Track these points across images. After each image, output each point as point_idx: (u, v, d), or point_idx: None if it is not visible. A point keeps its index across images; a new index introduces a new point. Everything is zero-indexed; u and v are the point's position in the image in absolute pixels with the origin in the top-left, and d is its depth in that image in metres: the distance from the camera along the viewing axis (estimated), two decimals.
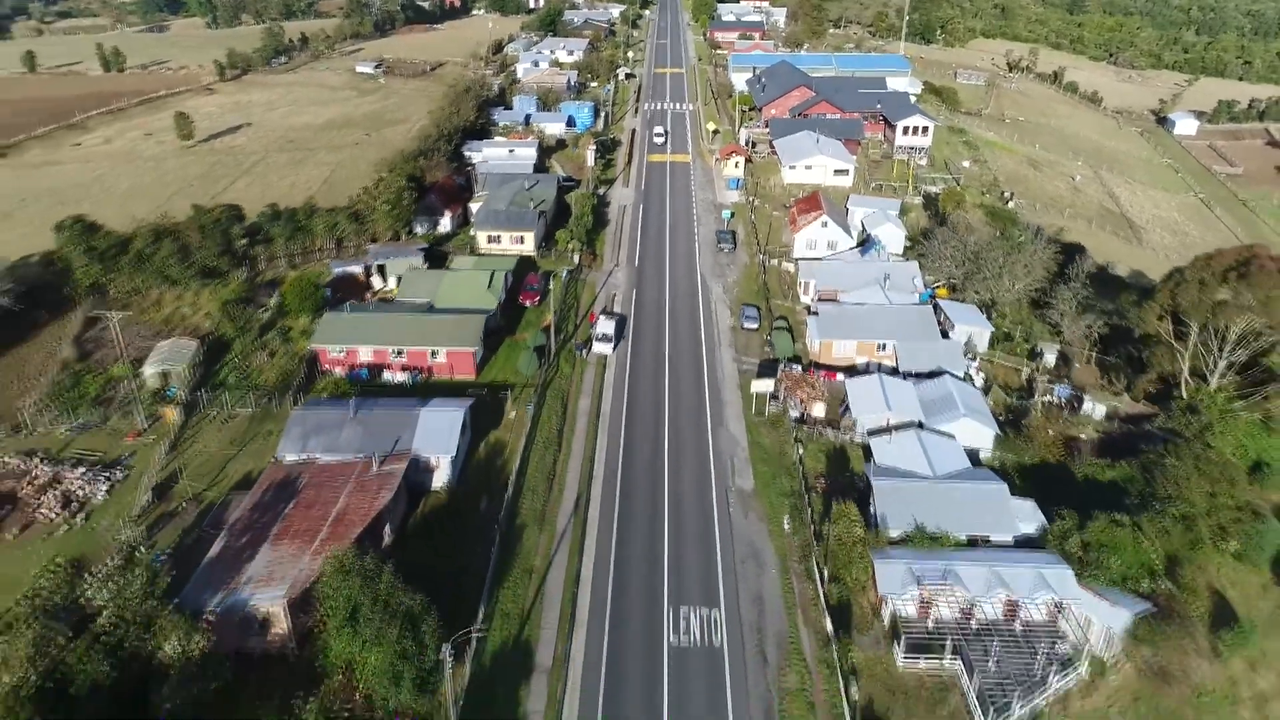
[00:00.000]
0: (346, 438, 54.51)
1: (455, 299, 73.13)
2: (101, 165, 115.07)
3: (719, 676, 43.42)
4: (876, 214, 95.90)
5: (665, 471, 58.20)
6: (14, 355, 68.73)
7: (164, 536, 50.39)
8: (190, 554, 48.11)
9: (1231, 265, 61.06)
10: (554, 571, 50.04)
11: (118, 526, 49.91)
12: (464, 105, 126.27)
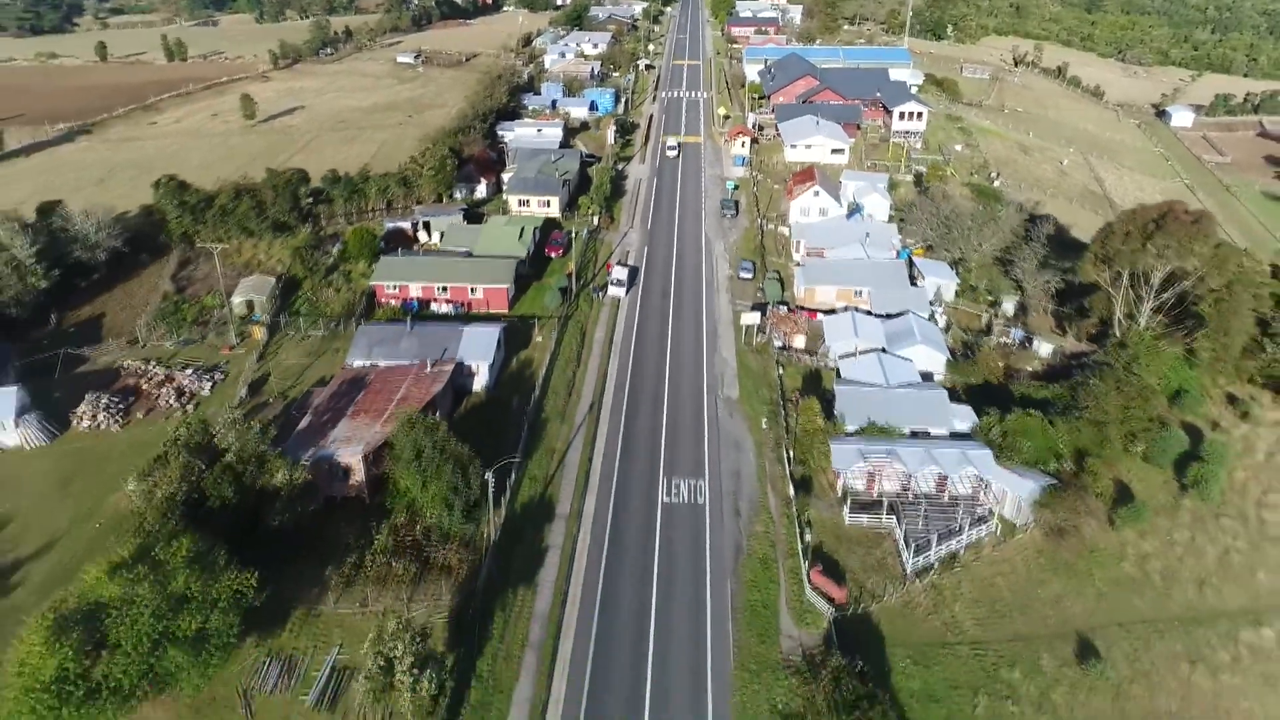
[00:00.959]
0: (404, 347, 65.92)
1: (491, 248, 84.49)
2: (176, 141, 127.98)
3: (700, 524, 54.21)
4: (866, 186, 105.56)
5: (666, 383, 69.04)
6: (124, 288, 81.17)
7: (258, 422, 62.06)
8: (282, 433, 59.63)
9: (1153, 218, 70.53)
10: (572, 452, 61.06)
11: (223, 410, 61.64)
12: (497, 90, 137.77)
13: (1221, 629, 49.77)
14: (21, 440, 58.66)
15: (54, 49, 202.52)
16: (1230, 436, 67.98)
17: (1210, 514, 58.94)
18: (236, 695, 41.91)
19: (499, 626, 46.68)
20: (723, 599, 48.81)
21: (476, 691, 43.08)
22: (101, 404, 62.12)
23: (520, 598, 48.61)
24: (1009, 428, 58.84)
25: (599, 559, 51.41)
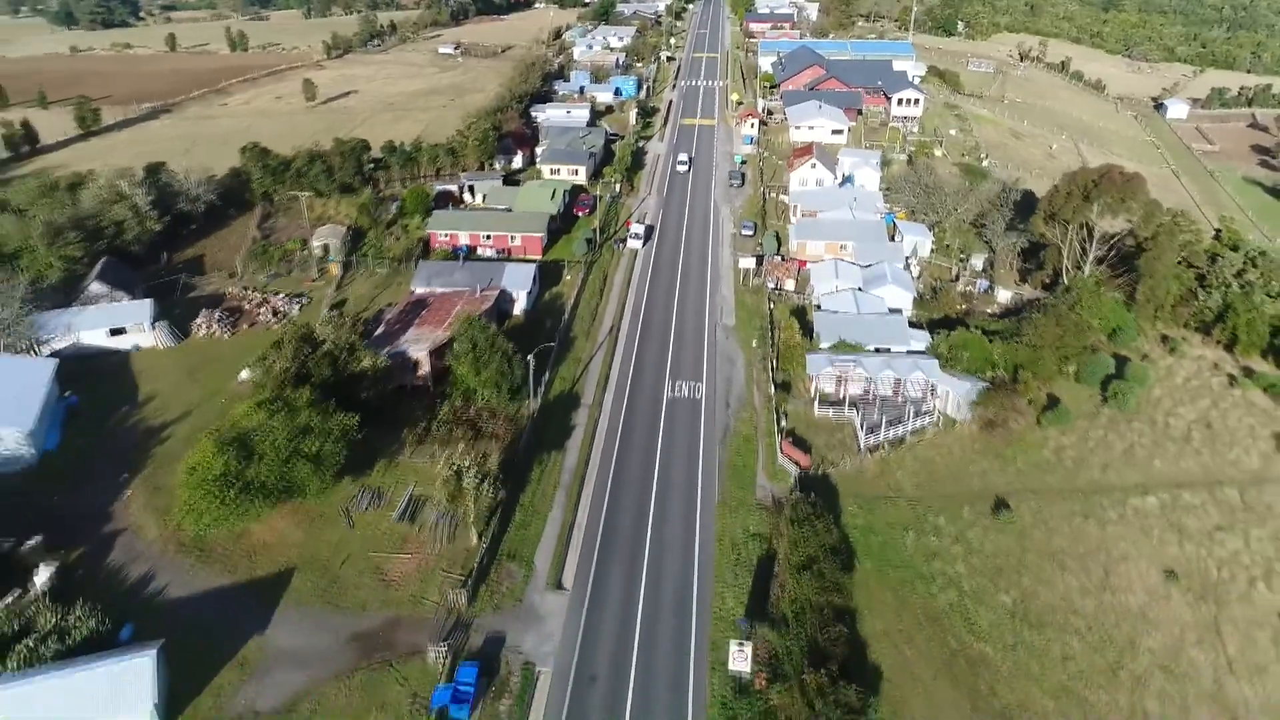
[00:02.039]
0: (458, 277, 78.75)
1: (527, 205, 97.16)
2: (246, 119, 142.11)
3: (697, 412, 66.48)
4: (859, 161, 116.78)
5: (674, 314, 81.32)
6: (218, 235, 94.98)
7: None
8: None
9: (1092, 179, 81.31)
10: (594, 362, 73.54)
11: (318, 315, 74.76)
12: (531, 76, 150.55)
13: (1114, 497, 61.08)
14: (156, 341, 72.27)
15: (127, 40, 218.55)
16: (1156, 366, 78.80)
17: (1124, 420, 69.98)
18: (340, 514, 54.84)
19: (536, 474, 59.32)
20: (712, 461, 61.08)
21: (519, 515, 55.72)
22: (214, 318, 75.64)
23: (553, 456, 61.22)
24: (953, 342, 70.44)
25: (615, 432, 63.92)
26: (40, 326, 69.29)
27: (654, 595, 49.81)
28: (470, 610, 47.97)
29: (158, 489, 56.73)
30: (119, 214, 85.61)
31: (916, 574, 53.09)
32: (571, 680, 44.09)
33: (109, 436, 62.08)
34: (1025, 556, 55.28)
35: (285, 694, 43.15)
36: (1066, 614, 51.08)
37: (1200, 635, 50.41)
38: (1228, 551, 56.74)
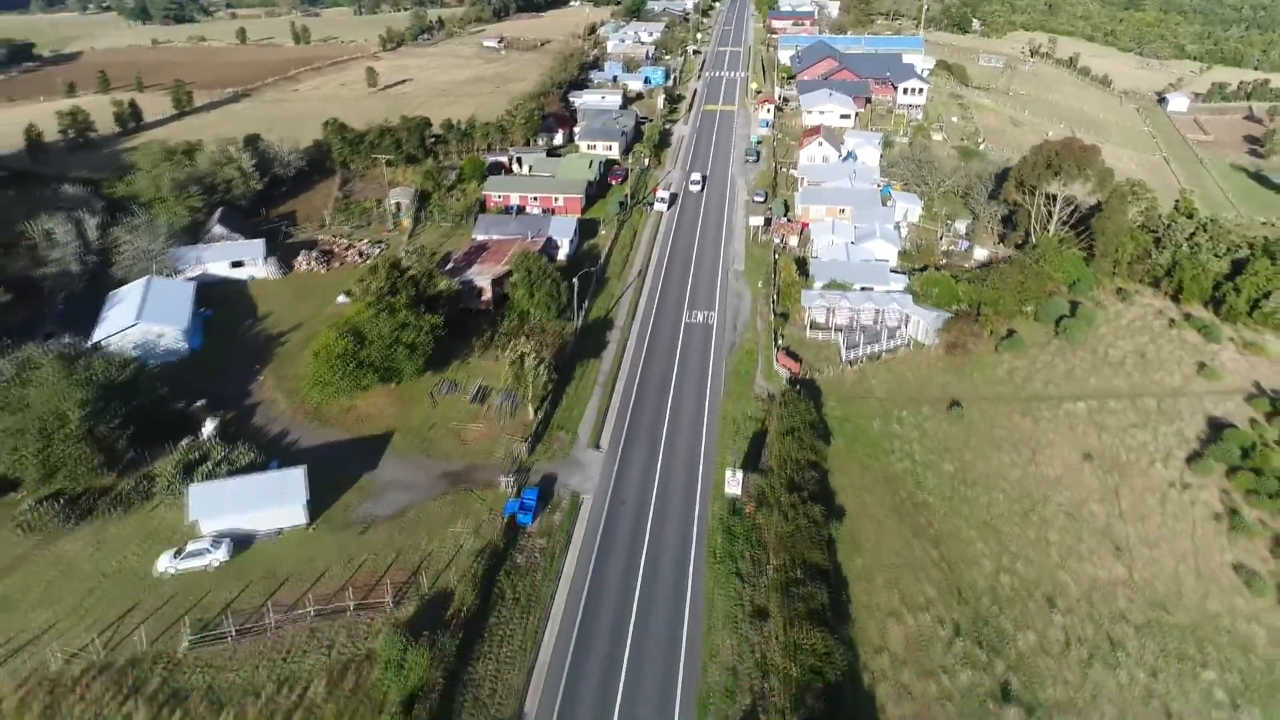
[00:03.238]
0: (511, 227, 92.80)
1: (568, 173, 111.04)
2: (316, 103, 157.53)
3: (709, 333, 79.86)
4: (862, 141, 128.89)
5: (693, 260, 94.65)
6: (305, 196, 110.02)
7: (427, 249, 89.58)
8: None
9: (1055, 150, 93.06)
10: (625, 296, 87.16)
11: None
12: (569, 66, 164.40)
13: (1051, 403, 73.42)
14: (267, 273, 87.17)
15: (201, 34, 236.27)
16: (1107, 310, 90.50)
17: (1071, 349, 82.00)
18: (427, 396, 69.01)
19: (578, 374, 73.11)
20: (720, 367, 74.47)
21: (566, 401, 69.53)
22: (312, 257, 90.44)
23: (591, 362, 74.99)
24: (924, 280, 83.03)
25: (641, 346, 77.58)
26: (177, 258, 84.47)
27: (670, 452, 63.40)
28: (529, 459, 61.87)
29: (282, 377, 71.47)
30: (228, 174, 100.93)
31: (879, 449, 66.06)
32: (607, 503, 57.83)
33: (238, 341, 77.08)
34: (969, 440, 67.96)
35: (394, 507, 57.35)
36: (996, 479, 63.77)
37: (1102, 496, 62.81)
38: (1137, 442, 68.91)
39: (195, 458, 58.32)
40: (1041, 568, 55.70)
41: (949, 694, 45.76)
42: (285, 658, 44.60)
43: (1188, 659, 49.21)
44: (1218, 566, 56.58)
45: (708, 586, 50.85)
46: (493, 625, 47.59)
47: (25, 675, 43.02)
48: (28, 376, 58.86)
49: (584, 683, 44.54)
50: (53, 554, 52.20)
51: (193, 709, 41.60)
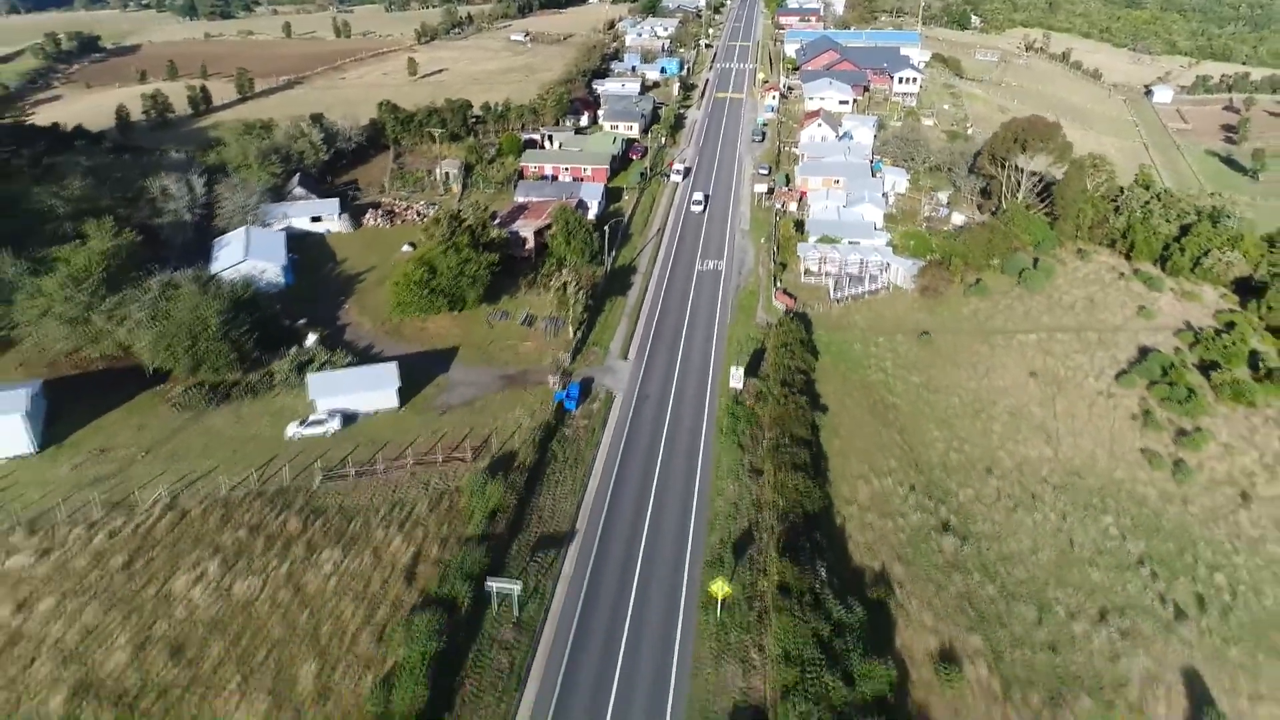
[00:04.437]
0: (548, 190, 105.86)
1: (595, 147, 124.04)
2: (362, 89, 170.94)
3: (718, 277, 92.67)
4: (858, 124, 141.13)
5: (705, 221, 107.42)
6: (364, 167, 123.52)
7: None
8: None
9: (1022, 126, 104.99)
10: (646, 248, 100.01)
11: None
12: (593, 56, 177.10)
13: (1007, 335, 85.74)
14: (340, 227, 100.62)
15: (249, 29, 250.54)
16: (1065, 265, 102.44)
17: (1029, 295, 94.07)
18: (485, 321, 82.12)
19: (608, 306, 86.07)
20: (727, 302, 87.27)
21: (599, 326, 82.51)
22: (378, 214, 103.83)
23: (618, 298, 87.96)
24: (903, 234, 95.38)
25: (661, 286, 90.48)
26: (267, 213, 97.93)
27: (685, 362, 76.34)
28: (571, 366, 74.89)
29: (364, 306, 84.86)
30: (301, 146, 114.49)
31: (858, 364, 78.67)
32: (635, 397, 70.82)
33: (323, 279, 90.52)
34: (934, 360, 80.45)
35: (465, 397, 70.55)
36: (954, 388, 76.26)
37: (1041, 402, 75.20)
38: (1076, 364, 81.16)
39: (305, 360, 71.67)
40: (984, 448, 68.27)
41: (901, 528, 58.40)
42: (394, 490, 57.85)
43: (1092, 508, 61.72)
44: (1128, 450, 68.95)
45: (715, 452, 63.76)
46: (548, 474, 60.66)
47: (203, 497, 56.46)
48: (170, 294, 72.34)
49: (620, 511, 57.53)
50: (203, 425, 65.73)
51: (330, 520, 54.87)
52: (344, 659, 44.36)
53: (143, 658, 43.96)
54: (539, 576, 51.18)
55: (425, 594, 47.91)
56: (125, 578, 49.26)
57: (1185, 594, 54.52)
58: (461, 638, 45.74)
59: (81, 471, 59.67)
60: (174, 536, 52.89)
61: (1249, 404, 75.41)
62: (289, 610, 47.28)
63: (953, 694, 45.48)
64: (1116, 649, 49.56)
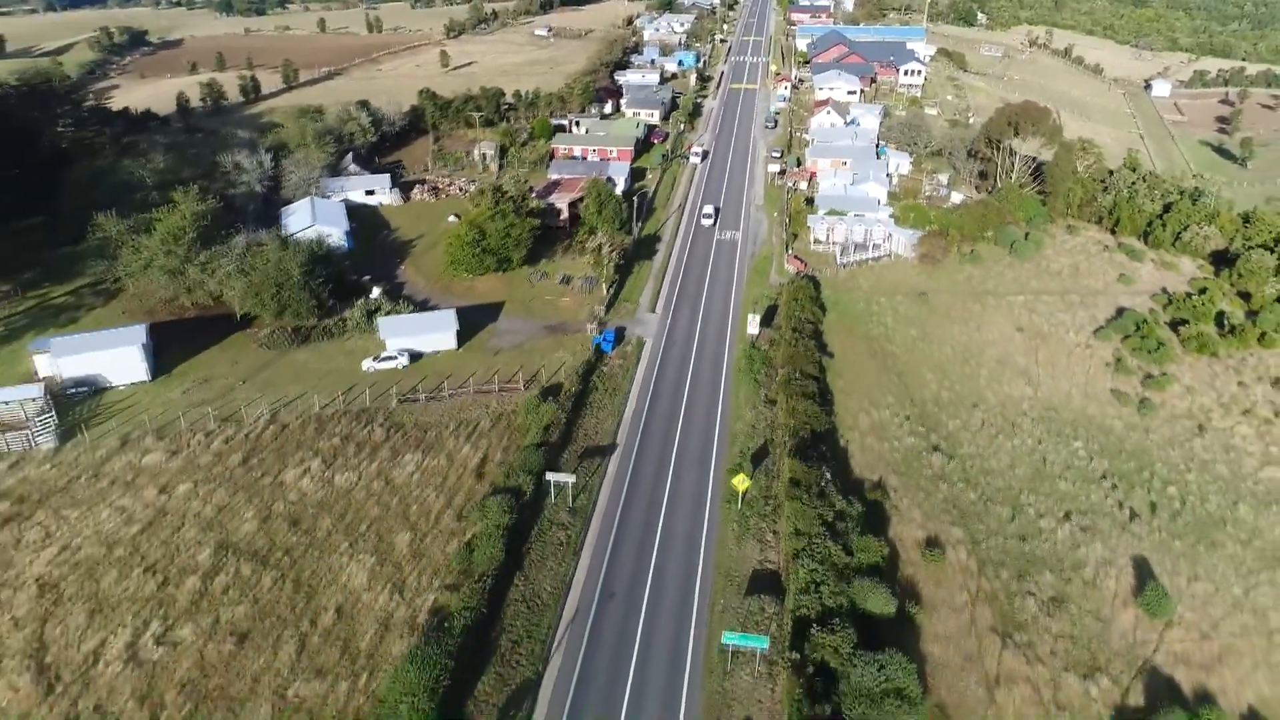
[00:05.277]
0: (579, 168, 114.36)
1: (620, 131, 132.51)
2: (398, 79, 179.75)
3: (735, 246, 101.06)
4: (864, 112, 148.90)
5: (722, 196, 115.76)
6: (407, 149, 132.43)
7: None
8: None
9: (1015, 111, 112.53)
10: (668, 221, 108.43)
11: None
12: (614, 49, 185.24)
13: (998, 296, 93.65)
14: (391, 200, 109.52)
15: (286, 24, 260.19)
16: (1054, 238, 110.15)
17: (1020, 263, 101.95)
18: (526, 280, 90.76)
19: (636, 269, 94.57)
20: (744, 267, 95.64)
21: (628, 285, 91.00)
22: (424, 189, 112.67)
23: (645, 263, 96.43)
24: (904, 208, 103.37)
25: (683, 252, 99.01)
26: (326, 186, 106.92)
27: (706, 314, 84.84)
28: (605, 317, 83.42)
29: (418, 267, 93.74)
30: (351, 128, 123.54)
31: (861, 319, 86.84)
32: (663, 342, 79.33)
33: (379, 245, 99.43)
34: (930, 316, 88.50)
35: (513, 342, 79.25)
36: (947, 340, 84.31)
37: (1025, 352, 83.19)
38: (1058, 321, 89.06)
39: (372, 309, 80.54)
40: (972, 388, 76.37)
41: (896, 449, 66.65)
42: (459, 411, 66.65)
43: (1064, 435, 69.79)
44: (1100, 390, 76.91)
45: (734, 386, 72.23)
46: (590, 401, 69.26)
47: (299, 414, 65.43)
48: (255, 251, 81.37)
49: (653, 429, 66.07)
50: (288, 361, 74.74)
51: (407, 432, 63.71)
52: (431, 531, 53.20)
53: (268, 527, 52.96)
54: (587, 477, 59.81)
55: (494, 486, 56.65)
56: (244, 471, 58.32)
57: (1141, 502, 62.58)
58: (526, 518, 54.46)
59: (191, 395, 68.78)
60: (279, 443, 61.91)
61: (1212, 354, 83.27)
62: (382, 496, 56.19)
63: (936, 570, 53.77)
64: (1077, 540, 57.73)
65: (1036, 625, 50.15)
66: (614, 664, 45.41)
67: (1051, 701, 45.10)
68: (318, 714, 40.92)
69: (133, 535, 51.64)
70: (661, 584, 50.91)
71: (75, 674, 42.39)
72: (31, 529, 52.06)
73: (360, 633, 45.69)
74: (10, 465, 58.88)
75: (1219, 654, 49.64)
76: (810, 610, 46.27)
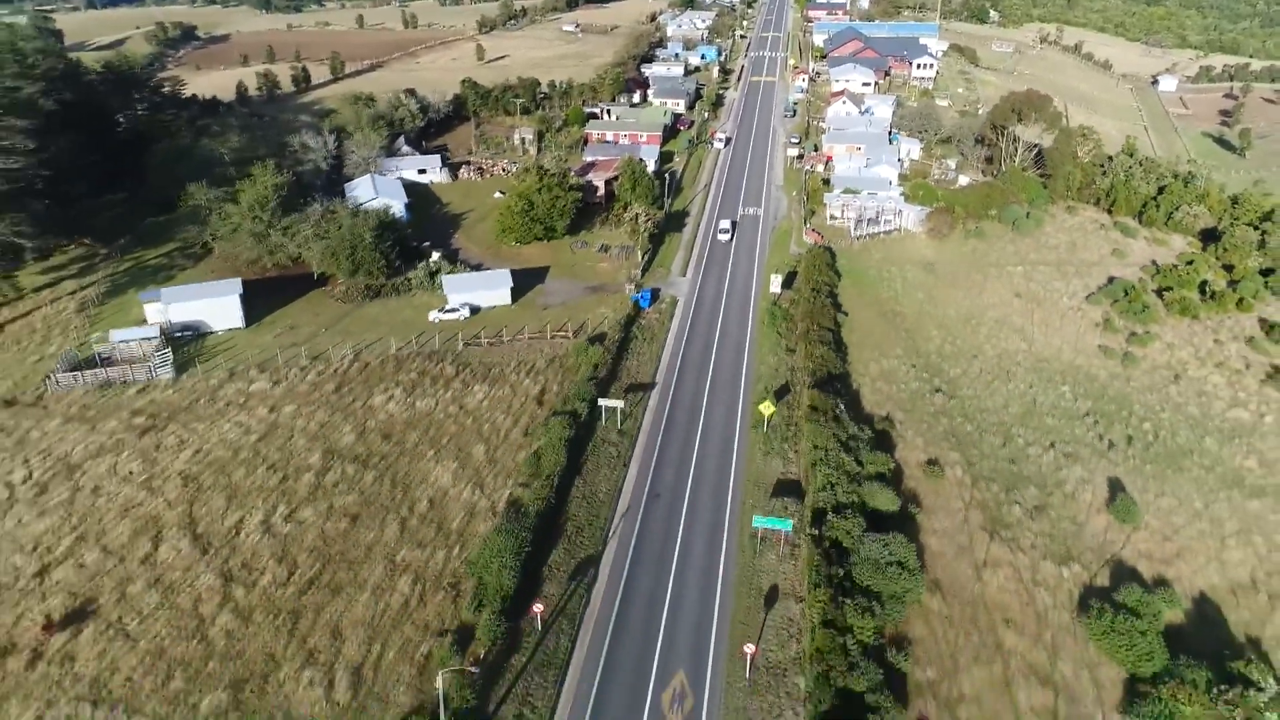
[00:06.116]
0: (612, 151, 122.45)
1: (649, 117, 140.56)
2: (436, 71, 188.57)
3: (758, 221, 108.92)
4: (878, 102, 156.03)
5: (745, 178, 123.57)
6: (451, 134, 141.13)
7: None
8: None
9: (1020, 99, 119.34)
10: (695, 198, 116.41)
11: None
12: (640, 44, 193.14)
13: (997, 267, 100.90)
14: (442, 179, 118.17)
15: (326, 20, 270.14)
16: (1054, 217, 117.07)
17: (1021, 238, 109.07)
18: (569, 248, 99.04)
19: (667, 240, 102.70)
20: (766, 238, 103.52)
21: (660, 253, 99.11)
22: (471, 169, 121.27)
23: (675, 235, 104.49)
24: (913, 186, 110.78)
25: (710, 225, 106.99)
26: (383, 165, 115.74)
27: (733, 278, 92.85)
28: (641, 280, 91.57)
29: (470, 237, 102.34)
30: (402, 113, 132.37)
31: (873, 285, 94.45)
32: (693, 302, 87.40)
33: (433, 217, 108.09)
34: (936, 283, 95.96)
35: (560, 300, 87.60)
36: (951, 303, 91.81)
37: (1022, 314, 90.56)
38: (1054, 288, 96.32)
39: (434, 270, 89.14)
40: (972, 343, 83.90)
41: (903, 391, 74.36)
42: (518, 353, 75.14)
43: (1054, 381, 77.25)
44: (1088, 346, 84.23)
45: (759, 337, 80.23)
46: (631, 347, 77.54)
47: (378, 354, 74.15)
48: (329, 218, 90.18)
49: (687, 370, 74.21)
50: (361, 313, 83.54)
51: (474, 369, 72.25)
52: (502, 444, 61.69)
53: (364, 439, 61.67)
54: (631, 406, 68.04)
55: (554, 410, 65.01)
56: (337, 397, 67.09)
57: (1119, 435, 70.02)
58: (582, 436, 62.80)
59: (281, 339, 77.68)
60: (364, 376, 70.67)
61: (1194, 317, 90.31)
62: (458, 417, 64.77)
63: (935, 484, 61.55)
64: (1059, 464, 65.31)
65: (1020, 526, 57.91)
66: (661, 546, 53.65)
67: (1030, 580, 52.89)
68: (421, 573, 49.48)
69: (253, 442, 60.52)
70: (699, 488, 59.10)
71: (223, 541, 51.20)
72: (168, 436, 61.08)
73: (450, 517, 54.23)
74: (138, 391, 68.00)
75: (1177, 552, 57.20)
76: (826, 504, 54.31)
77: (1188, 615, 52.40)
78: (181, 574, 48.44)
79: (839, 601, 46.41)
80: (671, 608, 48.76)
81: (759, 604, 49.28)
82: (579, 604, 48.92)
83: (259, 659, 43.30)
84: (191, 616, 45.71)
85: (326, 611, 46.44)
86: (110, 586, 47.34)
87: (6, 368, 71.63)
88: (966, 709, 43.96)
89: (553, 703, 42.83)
